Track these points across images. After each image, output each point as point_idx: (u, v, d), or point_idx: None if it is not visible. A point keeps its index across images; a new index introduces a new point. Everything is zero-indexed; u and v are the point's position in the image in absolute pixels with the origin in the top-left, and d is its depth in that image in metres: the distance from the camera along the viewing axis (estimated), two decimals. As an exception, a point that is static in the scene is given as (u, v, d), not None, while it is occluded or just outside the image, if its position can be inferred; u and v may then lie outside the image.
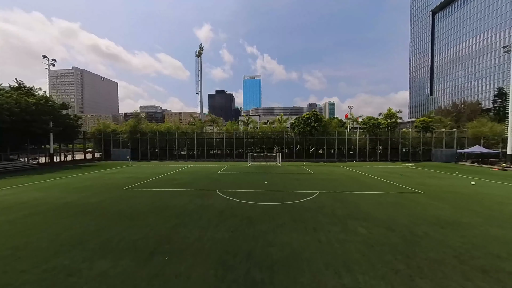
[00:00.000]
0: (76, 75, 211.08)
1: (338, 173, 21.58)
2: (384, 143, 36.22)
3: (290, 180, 17.82)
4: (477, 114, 56.14)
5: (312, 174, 21.02)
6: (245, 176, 20.05)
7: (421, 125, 34.25)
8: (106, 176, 19.68)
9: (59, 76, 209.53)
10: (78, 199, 11.87)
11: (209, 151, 39.00)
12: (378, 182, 16.94)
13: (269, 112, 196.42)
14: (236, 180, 17.69)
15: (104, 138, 37.18)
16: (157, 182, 16.87)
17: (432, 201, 11.50)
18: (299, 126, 35.64)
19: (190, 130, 38.97)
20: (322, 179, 18.28)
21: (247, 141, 38.82)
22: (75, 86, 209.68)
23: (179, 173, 21.94)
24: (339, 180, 17.56)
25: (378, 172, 22.73)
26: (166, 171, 22.93)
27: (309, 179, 18.09)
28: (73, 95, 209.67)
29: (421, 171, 23.47)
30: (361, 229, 7.69)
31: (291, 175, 20.67)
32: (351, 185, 15.53)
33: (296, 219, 8.74)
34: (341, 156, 37.77)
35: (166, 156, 37.53)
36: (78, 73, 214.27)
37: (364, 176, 19.99)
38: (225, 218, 8.86)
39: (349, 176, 19.68)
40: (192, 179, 18.30)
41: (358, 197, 12.33)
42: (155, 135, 37.33)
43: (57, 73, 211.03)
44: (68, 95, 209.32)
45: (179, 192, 13.42)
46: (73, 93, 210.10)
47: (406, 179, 18.10)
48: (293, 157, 37.27)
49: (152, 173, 21.77)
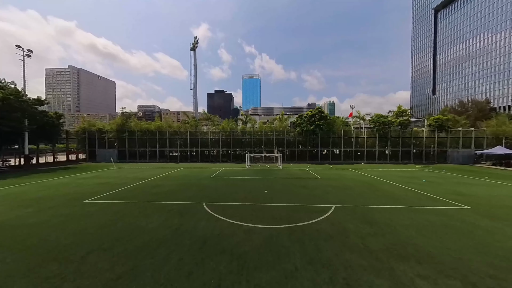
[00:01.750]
0: (72, 74, 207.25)
1: (350, 179, 18.59)
2: (395, 143, 33.27)
3: (295, 187, 14.81)
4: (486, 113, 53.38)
5: (319, 180, 18.03)
6: (242, 182, 17.04)
7: (435, 124, 31.31)
8: (76, 183, 16.61)
9: (55, 74, 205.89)
10: (14, 218, 8.83)
11: (204, 151, 35.97)
12: (401, 190, 13.97)
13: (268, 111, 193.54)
14: (231, 188, 14.67)
15: (88, 137, 34.05)
16: (133, 191, 13.82)
17: (490, 221, 8.53)
18: (302, 124, 32.64)
19: (183, 129, 35.84)
20: (334, 186, 15.28)
21: (245, 141, 35.80)
22: (71, 85, 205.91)
23: (165, 178, 18.89)
24: (354, 188, 14.57)
25: (394, 176, 19.77)
26: (151, 176, 19.89)
27: (318, 187, 15.10)
28: (70, 94, 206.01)
29: (445, 176, 20.50)
30: (422, 284, 4.70)
31: (295, 180, 17.67)
32: (371, 196, 12.54)
33: (313, 258, 5.74)
34: (347, 157, 34.83)
35: (157, 157, 34.45)
36: (74, 71, 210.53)
37: (381, 182, 17.01)
38: (207, 256, 5.86)
39: (364, 183, 16.69)
40: (178, 186, 15.26)
41: (388, 214, 9.34)
42: (145, 134, 34.21)
43: (53, 71, 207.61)
44: (64, 94, 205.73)
45: (156, 207, 10.39)
46: (69, 92, 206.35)
47: (433, 187, 15.15)
48: (295, 159, 34.30)
49: (133, 178, 18.71)
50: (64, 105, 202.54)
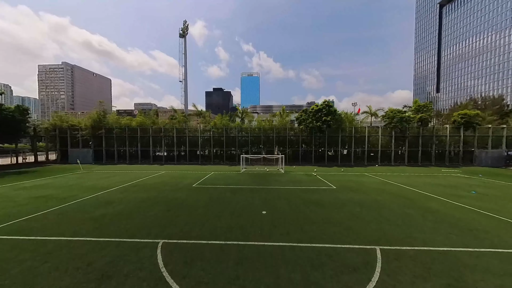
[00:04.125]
0: (66, 71, 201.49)
1: (375, 189, 14.19)
2: (413, 143, 28.87)
3: (306, 205, 10.39)
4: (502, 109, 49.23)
5: (335, 190, 13.62)
6: (232, 194, 12.59)
7: (461, 120, 26.91)
8: (1, 196, 12.10)
9: (48, 71, 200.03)
10: None
11: (195, 152, 31.41)
12: (461, 211, 9.57)
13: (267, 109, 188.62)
14: (214, 206, 10.22)
15: (59, 135, 29.41)
16: (62, 214, 9.27)
17: None
18: (306, 121, 28.14)
19: (169, 125, 31.18)
20: (359, 202, 10.87)
21: (241, 140, 31.28)
22: (65, 82, 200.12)
23: (132, 188, 14.42)
24: (390, 207, 10.16)
25: (427, 185, 15.39)
26: (117, 184, 15.41)
27: (337, 203, 10.68)
28: (63, 91, 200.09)
29: (493, 185, 16.12)
30: None
31: (303, 192, 13.24)
32: (423, 223, 8.12)
33: None
34: (358, 158, 30.42)
35: (138, 158, 29.88)
36: (68, 68, 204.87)
37: (418, 194, 12.63)
38: None
39: (398, 196, 12.29)
40: (139, 203, 10.79)
41: (480, 267, 4.91)
42: (124, 131, 29.59)
43: (46, 68, 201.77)
44: (58, 91, 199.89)
45: (71, 253, 5.92)
46: (63, 89, 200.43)
47: (498, 203, 10.78)
48: (298, 160, 29.85)
49: (89, 188, 14.22)
50: (58, 103, 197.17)
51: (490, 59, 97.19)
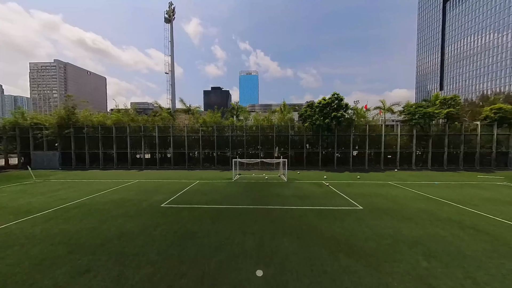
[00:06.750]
0: (58, 69, 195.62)
1: (420, 210, 9.91)
2: (437, 143, 24.62)
3: (330, 250, 6.05)
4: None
5: (364, 214, 9.31)
6: (211, 223, 8.27)
7: (495, 116, 22.73)
8: None
9: (40, 69, 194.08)
10: None
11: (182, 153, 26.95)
12: None
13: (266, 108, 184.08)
14: (169, 261, 5.88)
15: (20, 135, 24.90)
16: None
17: None
18: (312, 117, 23.81)
19: (150, 123, 26.69)
20: (415, 243, 6.56)
21: (235, 140, 26.89)
22: (57, 80, 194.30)
23: (74, 208, 10.07)
24: (471, 255, 5.89)
25: (483, 200, 11.16)
26: (60, 201, 11.04)
27: (381, 248, 6.36)
28: (56, 90, 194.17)
29: None
30: None
31: (319, 218, 8.93)
32: None
33: None
34: (371, 161, 26.13)
35: (114, 161, 25.39)
36: (61, 66, 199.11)
37: (488, 220, 8.38)
38: None
39: (465, 227, 8.01)
40: (53, 250, 6.44)
41: None
42: (97, 130, 25.14)
43: (38, 66, 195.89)
44: (50, 90, 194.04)
45: None
46: (55, 88, 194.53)
47: None
48: (302, 163, 25.50)
49: (16, 209, 9.86)
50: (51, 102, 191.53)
51: (496, 55, 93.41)
